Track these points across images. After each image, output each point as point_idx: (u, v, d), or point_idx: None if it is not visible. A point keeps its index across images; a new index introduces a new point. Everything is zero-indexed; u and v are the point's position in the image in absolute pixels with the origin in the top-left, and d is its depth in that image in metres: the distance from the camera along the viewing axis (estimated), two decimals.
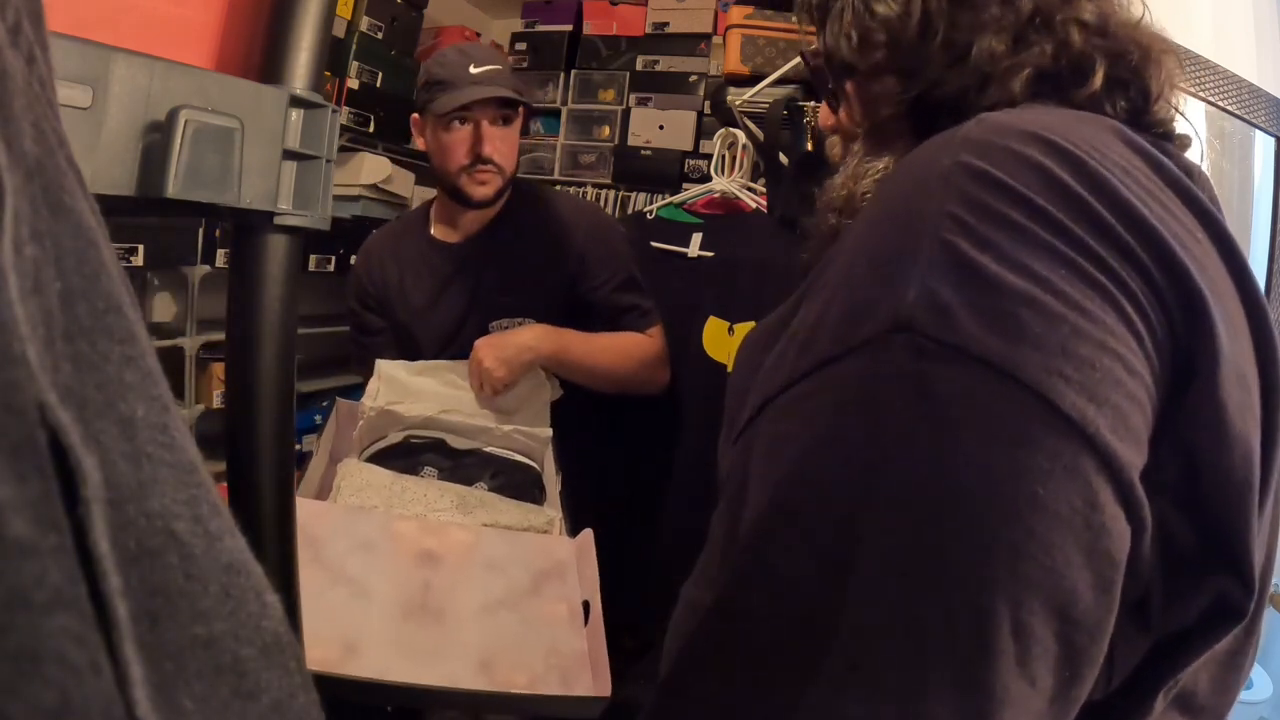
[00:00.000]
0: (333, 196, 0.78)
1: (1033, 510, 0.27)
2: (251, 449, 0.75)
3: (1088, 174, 0.31)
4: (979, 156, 0.32)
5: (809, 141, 1.23)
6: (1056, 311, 0.28)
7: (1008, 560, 0.27)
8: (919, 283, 0.30)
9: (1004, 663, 0.27)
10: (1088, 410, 0.27)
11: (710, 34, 2.15)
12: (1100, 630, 0.29)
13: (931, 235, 0.30)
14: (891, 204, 0.35)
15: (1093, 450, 0.27)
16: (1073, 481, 0.27)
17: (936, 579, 0.27)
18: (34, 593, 0.12)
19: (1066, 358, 0.28)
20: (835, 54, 0.47)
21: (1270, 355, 0.33)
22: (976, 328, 0.28)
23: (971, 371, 0.28)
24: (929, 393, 0.28)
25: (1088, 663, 0.29)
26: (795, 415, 0.33)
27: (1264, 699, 1.32)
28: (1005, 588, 0.27)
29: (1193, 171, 0.38)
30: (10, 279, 0.13)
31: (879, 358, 0.30)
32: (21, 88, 0.16)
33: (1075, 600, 0.28)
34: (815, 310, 0.35)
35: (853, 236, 0.36)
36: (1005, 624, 0.27)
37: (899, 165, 0.38)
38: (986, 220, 0.30)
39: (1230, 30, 1.02)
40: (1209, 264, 0.32)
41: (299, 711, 0.20)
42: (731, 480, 0.38)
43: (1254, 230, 1.08)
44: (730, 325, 1.31)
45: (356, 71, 1.72)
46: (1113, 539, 0.28)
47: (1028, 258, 0.29)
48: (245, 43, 0.60)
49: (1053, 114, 0.38)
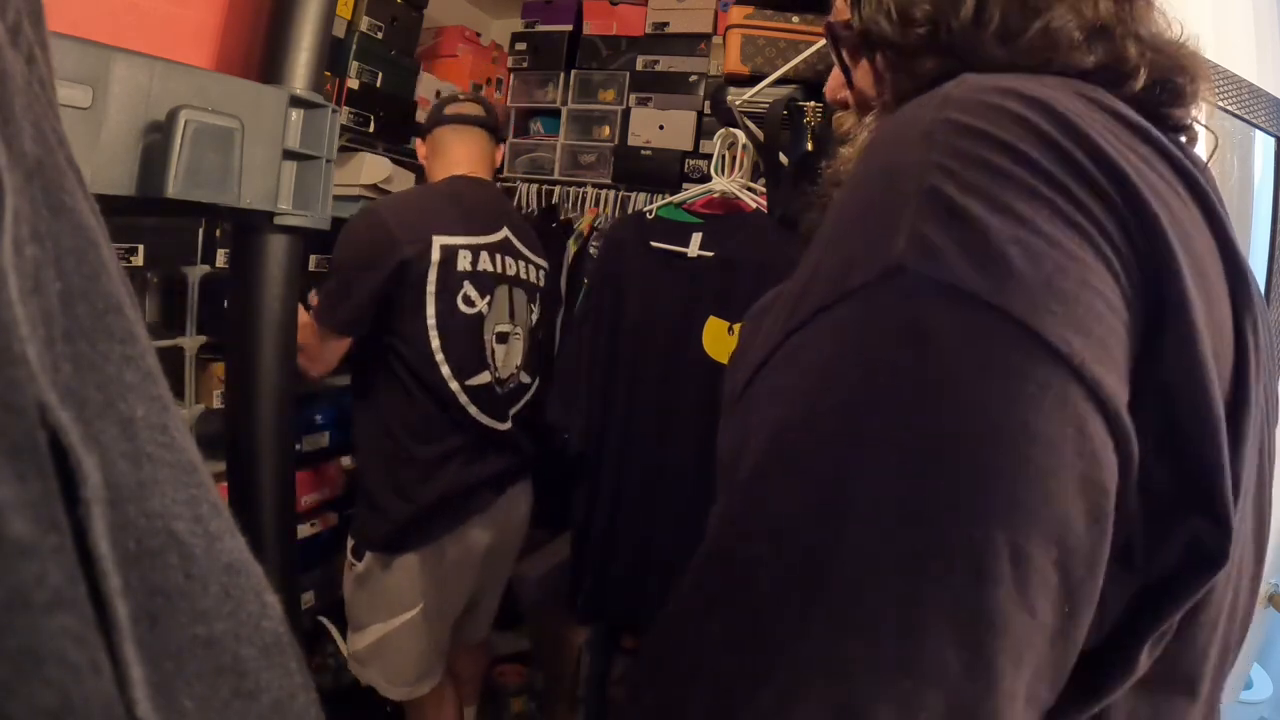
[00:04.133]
0: (333, 196, 0.78)
1: (1026, 438, 0.27)
2: (251, 449, 0.76)
3: (1065, 123, 0.32)
4: (959, 111, 0.33)
5: (809, 141, 1.23)
6: (1040, 250, 0.29)
7: (1003, 489, 0.27)
8: (908, 228, 0.30)
9: (1002, 590, 0.27)
10: (1075, 341, 0.28)
11: (710, 34, 2.15)
12: (1095, 561, 0.29)
13: (918, 184, 0.31)
14: (875, 161, 0.35)
15: (1080, 380, 0.28)
16: (1063, 410, 0.28)
17: (932, 511, 0.28)
18: (34, 593, 0.12)
19: (1051, 292, 0.29)
20: (871, 28, 0.46)
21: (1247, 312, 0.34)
22: (966, 266, 0.29)
23: (962, 307, 0.29)
24: (921, 329, 0.29)
25: (1084, 598, 0.29)
26: (792, 366, 0.33)
27: (1264, 699, 1.32)
28: (1001, 516, 0.27)
29: (1193, 157, 0.38)
30: (10, 279, 0.13)
31: (871, 300, 0.30)
32: (21, 88, 0.16)
33: (1070, 529, 0.28)
34: (807, 270, 0.35)
35: (839, 198, 0.37)
36: (1004, 552, 0.27)
37: (880, 127, 0.38)
38: (971, 167, 0.31)
39: (1230, 30, 1.02)
40: (1186, 219, 0.34)
41: (299, 711, 0.20)
42: (729, 458, 0.38)
43: (1254, 230, 1.08)
44: (730, 325, 1.31)
45: (356, 71, 1.72)
46: (1103, 468, 0.29)
47: (1012, 199, 0.30)
48: (245, 43, 0.60)
49: (1033, 79, 0.38)
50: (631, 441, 1.38)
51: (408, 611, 1.36)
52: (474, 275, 1.35)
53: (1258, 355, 0.35)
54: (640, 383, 1.37)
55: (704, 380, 1.29)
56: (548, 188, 2.26)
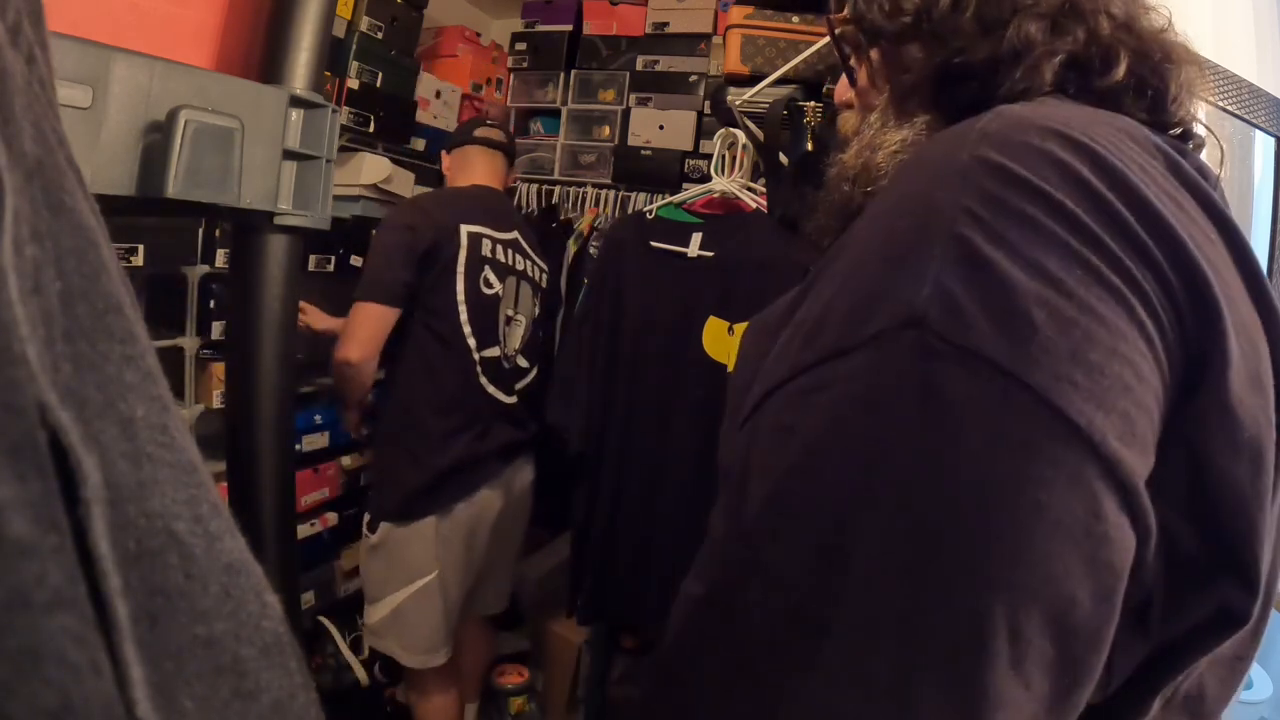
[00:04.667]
0: (333, 196, 0.78)
1: (1033, 518, 0.27)
2: (251, 449, 0.76)
3: (1107, 170, 0.31)
4: (997, 150, 0.31)
5: (809, 141, 1.22)
6: (1068, 316, 0.28)
7: (1005, 566, 0.27)
8: (933, 280, 0.29)
9: (998, 665, 0.27)
10: (1095, 417, 0.27)
11: (710, 34, 2.15)
12: (1099, 639, 0.28)
13: (946, 230, 0.30)
14: (905, 195, 0.34)
15: (1097, 458, 0.27)
16: (1075, 490, 0.27)
17: (933, 581, 0.27)
18: (34, 593, 0.12)
19: (1076, 363, 0.27)
20: (864, 18, 0.48)
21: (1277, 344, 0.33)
22: (988, 330, 0.28)
23: (980, 374, 0.28)
24: (936, 393, 0.28)
25: (1087, 671, 0.29)
26: (799, 408, 0.33)
27: (1264, 699, 1.32)
28: (1002, 592, 0.27)
29: (1208, 174, 0.37)
30: (10, 279, 0.13)
31: (887, 354, 0.29)
32: (21, 88, 0.16)
33: (1074, 608, 0.27)
34: (823, 300, 0.34)
35: (863, 226, 0.36)
36: (1002, 628, 0.27)
37: (914, 155, 0.38)
38: (1002, 216, 0.29)
39: (1230, 30, 1.02)
40: (1223, 267, 0.32)
41: (299, 711, 0.20)
42: (732, 473, 0.38)
43: (1254, 230, 1.08)
44: (730, 325, 1.31)
45: (356, 71, 1.72)
46: (1115, 549, 0.28)
47: (1042, 255, 0.29)
48: (245, 43, 0.60)
49: (1071, 109, 0.37)
50: (631, 441, 1.38)
51: (423, 578, 1.45)
52: (493, 262, 1.52)
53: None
54: (640, 383, 1.37)
55: (704, 380, 1.29)
56: (548, 188, 2.26)
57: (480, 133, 1.64)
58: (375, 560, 1.47)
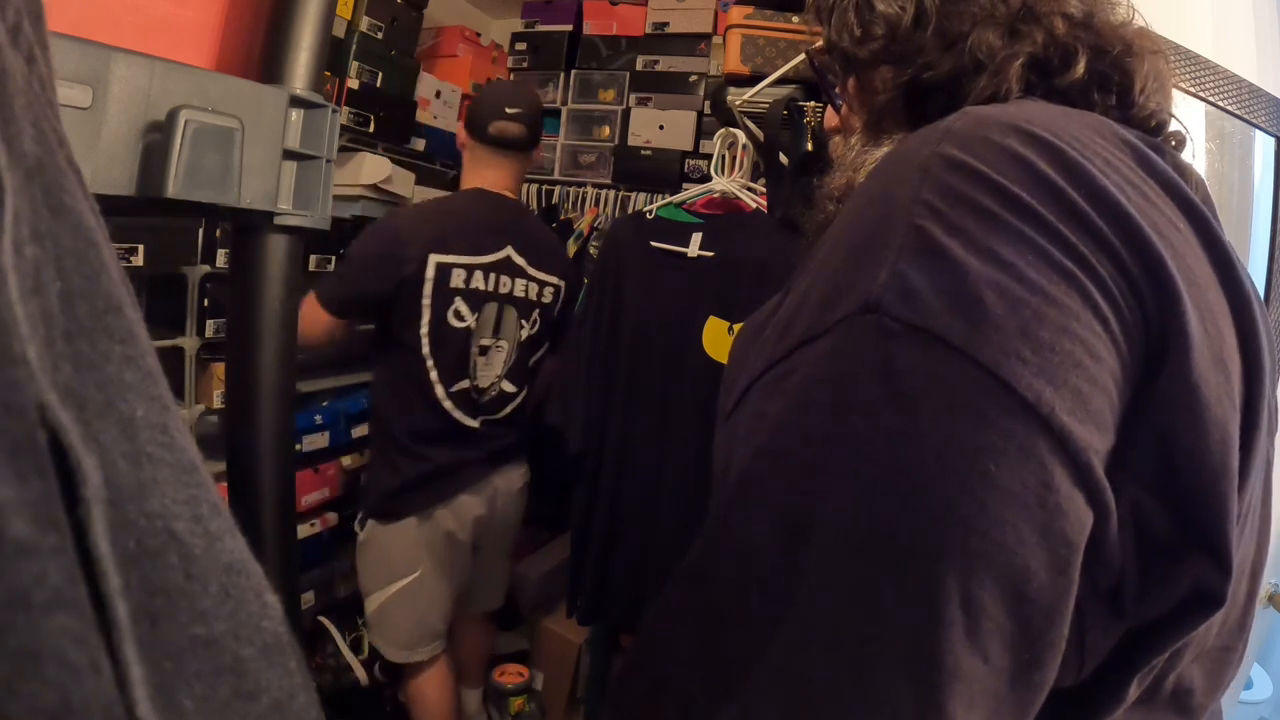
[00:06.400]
0: (333, 196, 0.78)
1: (985, 487, 0.27)
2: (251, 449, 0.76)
3: (1065, 163, 0.32)
4: (957, 147, 0.33)
5: (809, 141, 1.22)
6: (1018, 296, 0.29)
7: (958, 535, 0.27)
8: (889, 266, 0.31)
9: (953, 634, 0.27)
10: (1044, 392, 0.28)
11: (710, 34, 2.15)
12: (1057, 612, 0.29)
13: (905, 222, 0.31)
14: (871, 193, 0.36)
15: (1048, 431, 0.28)
16: (1026, 461, 0.28)
17: (888, 550, 0.28)
18: (34, 593, 0.12)
19: (1025, 340, 0.28)
20: (837, 46, 0.50)
21: (1252, 340, 0.34)
22: (940, 310, 0.29)
23: (932, 352, 0.29)
24: (891, 370, 0.29)
25: (1048, 646, 0.29)
26: (773, 395, 0.34)
27: (1264, 699, 1.32)
28: (955, 561, 0.27)
29: (1183, 168, 0.38)
30: (10, 279, 0.13)
31: (847, 337, 0.31)
32: (21, 88, 0.16)
33: (1029, 578, 0.28)
34: (797, 297, 0.36)
35: (836, 225, 0.37)
36: (954, 596, 0.27)
37: (884, 157, 0.38)
38: (958, 207, 0.31)
39: (1230, 30, 1.02)
40: (1188, 253, 0.33)
41: (299, 711, 0.20)
42: (720, 468, 0.39)
43: (1254, 230, 1.08)
44: (730, 325, 1.31)
45: (356, 71, 1.72)
46: (1069, 520, 0.28)
47: (996, 243, 0.30)
48: (245, 43, 0.60)
49: (1039, 107, 0.38)
50: (631, 441, 1.38)
51: (404, 578, 1.48)
52: (466, 293, 1.46)
53: (1262, 375, 0.34)
54: (640, 383, 1.37)
55: (704, 380, 1.29)
56: (548, 188, 2.26)
57: (496, 129, 1.49)
58: (363, 556, 1.52)
